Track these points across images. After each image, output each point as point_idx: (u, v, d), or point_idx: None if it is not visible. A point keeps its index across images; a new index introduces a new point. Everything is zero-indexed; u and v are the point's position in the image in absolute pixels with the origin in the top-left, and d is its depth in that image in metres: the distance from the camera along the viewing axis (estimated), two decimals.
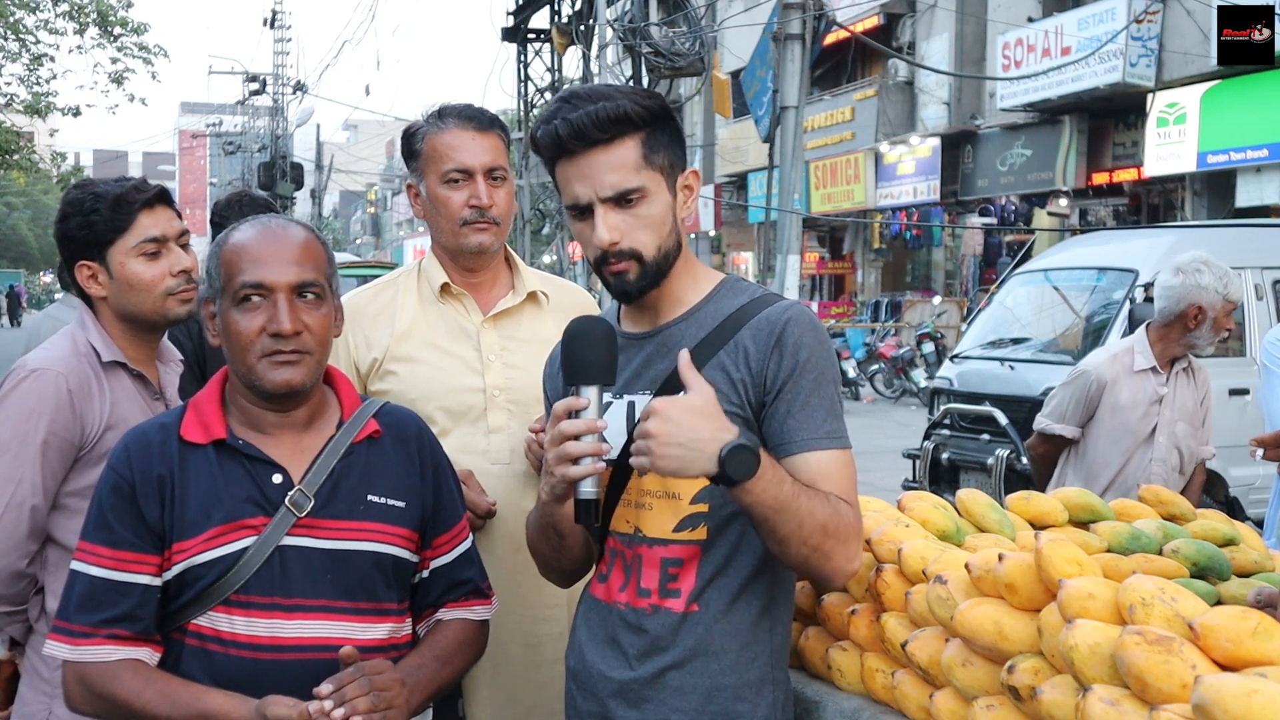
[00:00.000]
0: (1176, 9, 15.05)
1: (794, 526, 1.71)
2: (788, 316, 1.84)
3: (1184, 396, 4.42)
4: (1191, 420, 4.40)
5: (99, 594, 1.85)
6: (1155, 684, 1.44)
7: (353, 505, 1.92)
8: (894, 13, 21.79)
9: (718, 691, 1.85)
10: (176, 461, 1.89)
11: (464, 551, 2.09)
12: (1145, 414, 4.38)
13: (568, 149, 1.80)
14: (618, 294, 1.89)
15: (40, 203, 58.14)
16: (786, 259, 12.20)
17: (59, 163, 25.77)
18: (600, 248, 1.82)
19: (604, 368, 1.74)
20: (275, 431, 1.94)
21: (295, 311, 1.88)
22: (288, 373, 1.88)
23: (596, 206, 1.81)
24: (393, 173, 66.04)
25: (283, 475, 1.90)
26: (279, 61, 45.62)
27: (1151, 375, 4.41)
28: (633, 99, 1.80)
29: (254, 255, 1.89)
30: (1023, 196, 19.41)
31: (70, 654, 1.84)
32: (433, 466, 2.04)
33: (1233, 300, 4.32)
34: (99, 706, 1.86)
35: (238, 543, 1.86)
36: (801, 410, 1.81)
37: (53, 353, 2.36)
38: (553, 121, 1.80)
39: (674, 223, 1.87)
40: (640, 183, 1.81)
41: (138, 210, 2.40)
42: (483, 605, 2.10)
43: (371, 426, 1.99)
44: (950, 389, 7.96)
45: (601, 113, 1.77)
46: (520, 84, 21.92)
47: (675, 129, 1.88)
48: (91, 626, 1.84)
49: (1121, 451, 4.40)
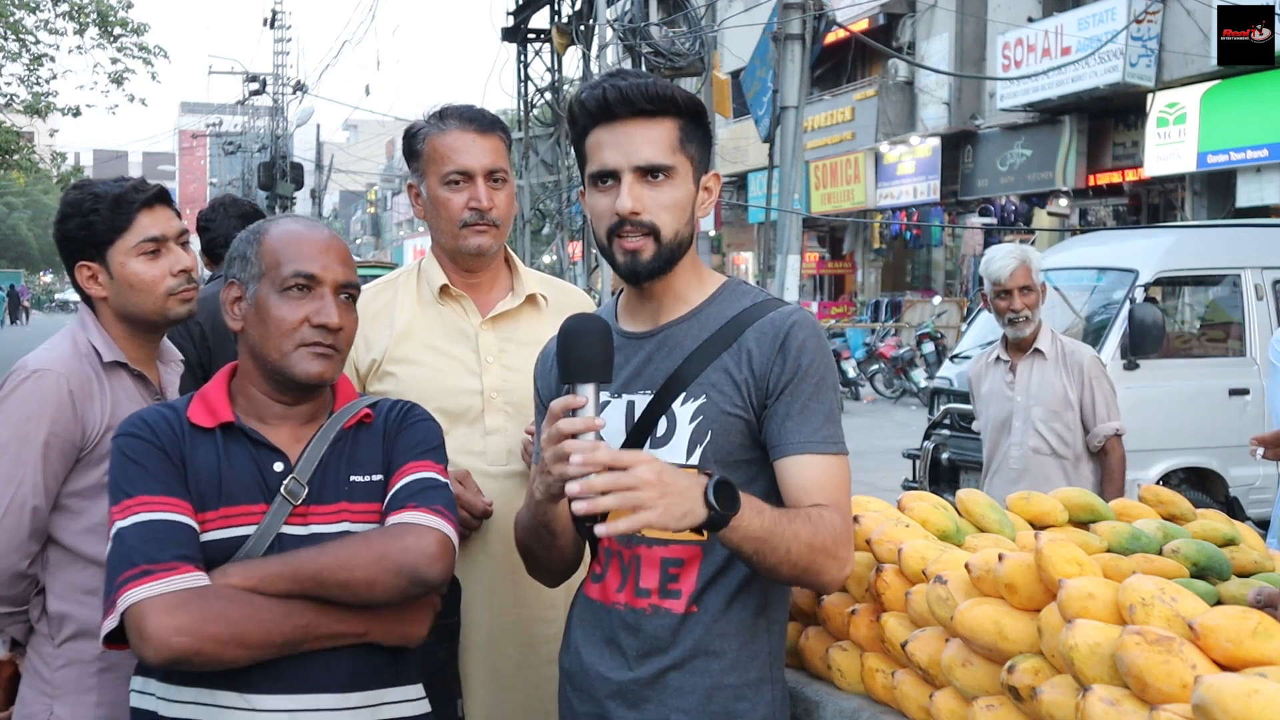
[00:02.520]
0: (1176, 9, 15.05)
1: (782, 553, 1.72)
2: (792, 321, 1.85)
3: (1041, 381, 4.55)
4: (1053, 403, 4.51)
5: (164, 534, 1.79)
6: (1155, 684, 1.44)
7: (338, 489, 1.93)
8: (894, 13, 21.79)
9: (717, 691, 1.85)
10: (186, 439, 1.90)
11: (426, 477, 1.96)
12: (1000, 401, 4.66)
13: (612, 112, 1.83)
14: (627, 273, 1.88)
15: (40, 203, 58.16)
16: (786, 259, 12.20)
17: (59, 163, 25.78)
18: (621, 214, 1.83)
19: (600, 365, 1.73)
20: (277, 422, 1.96)
21: (340, 308, 1.92)
22: (321, 365, 1.91)
23: (625, 174, 1.83)
24: (393, 173, 66.06)
25: (284, 463, 1.92)
26: (279, 61, 45.63)
27: (1001, 365, 4.69)
28: (678, 88, 1.87)
29: (305, 248, 1.93)
30: (1023, 196, 19.40)
31: (162, 587, 1.74)
32: (398, 428, 2.00)
33: (992, 281, 4.54)
34: (206, 629, 1.75)
35: (239, 528, 1.87)
36: (800, 414, 1.82)
37: (54, 353, 2.36)
38: (601, 86, 1.84)
39: (691, 214, 1.90)
40: (672, 162, 1.85)
41: (137, 210, 2.40)
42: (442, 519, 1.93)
43: (363, 413, 2.01)
44: (950, 389, 7.95)
45: (652, 87, 1.83)
46: (520, 84, 21.92)
47: (707, 131, 1.93)
48: (171, 561, 1.77)
49: (990, 438, 4.73)
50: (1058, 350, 4.56)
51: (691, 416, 1.85)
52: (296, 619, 1.80)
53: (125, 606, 1.76)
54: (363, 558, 1.83)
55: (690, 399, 1.86)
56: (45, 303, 68.49)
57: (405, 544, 1.85)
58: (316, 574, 1.81)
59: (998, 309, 4.56)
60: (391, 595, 1.85)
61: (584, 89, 1.88)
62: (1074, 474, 4.47)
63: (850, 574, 1.85)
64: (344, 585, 1.82)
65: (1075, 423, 4.50)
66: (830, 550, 1.77)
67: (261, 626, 1.78)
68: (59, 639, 2.30)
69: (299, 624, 1.80)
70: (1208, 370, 7.55)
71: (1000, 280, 4.50)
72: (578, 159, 1.94)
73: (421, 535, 1.86)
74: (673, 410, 1.87)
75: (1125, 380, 6.74)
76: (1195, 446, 7.16)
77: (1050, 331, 4.63)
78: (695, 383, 1.86)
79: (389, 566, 1.83)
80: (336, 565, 1.82)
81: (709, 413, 1.85)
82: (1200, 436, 7.16)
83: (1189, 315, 9.12)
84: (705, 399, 1.85)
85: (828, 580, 1.81)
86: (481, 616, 2.49)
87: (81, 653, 2.28)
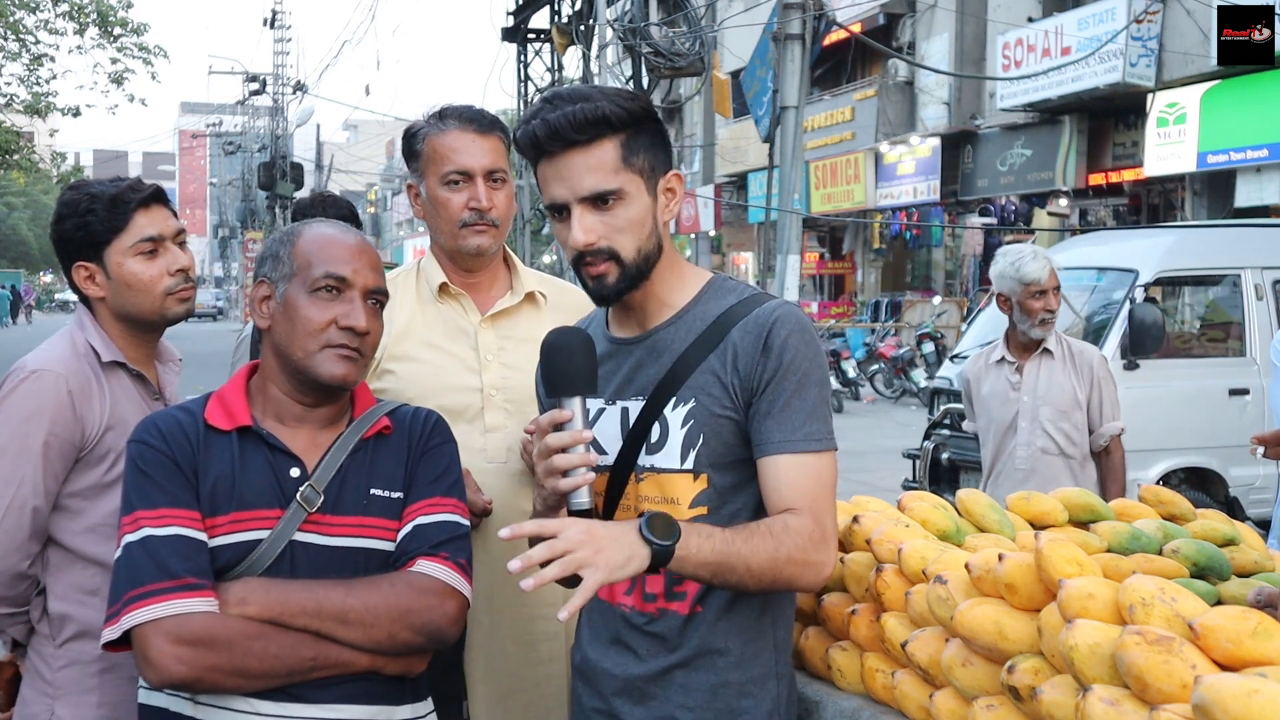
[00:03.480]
0: (1176, 9, 15.04)
1: (741, 572, 1.72)
2: (775, 316, 1.83)
3: (1048, 381, 4.53)
4: (1062, 403, 4.49)
5: (171, 551, 1.80)
6: (1155, 684, 1.44)
7: (357, 501, 1.93)
8: (894, 13, 21.79)
9: (723, 688, 1.86)
10: (201, 443, 1.90)
11: (453, 522, 1.97)
12: (1004, 402, 4.61)
13: (546, 149, 1.80)
14: (596, 297, 1.89)
15: (40, 203, 58.19)
16: (786, 259, 12.20)
17: (59, 163, 25.79)
18: (576, 248, 1.82)
19: (584, 378, 1.74)
20: (296, 425, 1.96)
21: (368, 312, 1.93)
22: (346, 367, 1.92)
23: (573, 207, 1.81)
24: (393, 173, 66.05)
25: (300, 469, 1.92)
26: (279, 61, 45.65)
27: (1006, 365, 4.64)
28: (614, 100, 1.80)
29: (338, 251, 1.95)
30: (1023, 196, 19.40)
31: (167, 609, 1.75)
32: (422, 449, 2.01)
33: (1027, 282, 4.47)
34: (207, 660, 1.76)
35: (252, 533, 1.87)
36: (781, 412, 1.80)
37: (53, 353, 2.36)
38: (531, 122, 1.80)
39: (654, 225, 1.86)
40: (618, 184, 1.80)
41: (134, 210, 2.39)
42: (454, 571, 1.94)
43: (382, 423, 2.00)
44: (950, 389, 7.94)
45: (579, 114, 1.77)
46: (520, 84, 21.94)
47: (658, 131, 1.87)
48: (178, 580, 1.77)
49: (994, 439, 4.67)
50: (1064, 350, 4.54)
51: (683, 421, 1.85)
52: (304, 652, 1.81)
53: (129, 626, 1.77)
54: (388, 609, 1.84)
55: (681, 403, 1.85)
56: (45, 303, 68.51)
57: (430, 603, 1.87)
58: (340, 614, 1.82)
59: (1029, 310, 4.46)
60: (407, 649, 1.88)
61: (519, 124, 1.85)
62: (1080, 474, 4.46)
63: (832, 573, 1.84)
64: (364, 629, 1.83)
65: (1083, 423, 4.48)
66: (799, 559, 1.75)
67: (266, 661, 1.79)
68: (60, 639, 2.30)
69: (306, 657, 1.81)
70: (1208, 370, 7.55)
71: (1040, 280, 4.42)
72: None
73: (447, 598, 1.89)
74: (665, 416, 1.86)
75: (1125, 380, 6.73)
76: (1195, 446, 7.16)
77: (1056, 332, 4.62)
78: (685, 387, 1.85)
79: (412, 623, 1.86)
80: (363, 609, 1.83)
81: (700, 416, 1.84)
82: (1200, 436, 7.16)
83: (1189, 315, 9.12)
84: (695, 403, 1.84)
85: (805, 585, 1.81)
86: (481, 615, 2.49)
87: (82, 653, 2.27)
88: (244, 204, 50.09)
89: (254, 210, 48.13)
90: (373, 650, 1.85)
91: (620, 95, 1.82)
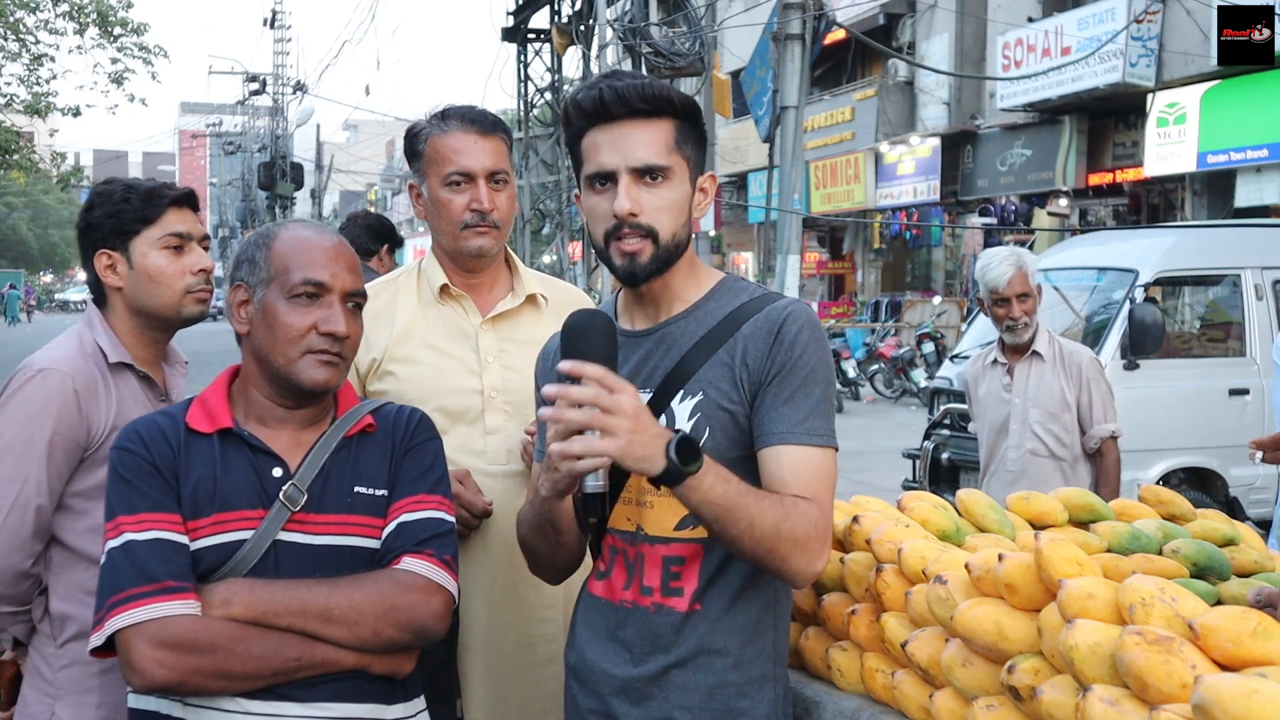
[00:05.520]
0: (1176, 9, 15.04)
1: (744, 526, 1.71)
2: (787, 313, 1.85)
3: (1039, 384, 4.54)
4: (1051, 405, 4.50)
5: (152, 554, 1.80)
6: (1155, 684, 1.45)
7: (341, 499, 1.93)
8: (894, 13, 21.79)
9: (720, 689, 1.86)
10: (182, 447, 1.90)
11: (437, 519, 1.96)
12: (997, 404, 4.65)
13: (609, 113, 1.83)
14: (625, 275, 1.87)
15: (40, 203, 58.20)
16: (786, 259, 12.20)
17: (59, 163, 25.73)
18: (619, 216, 1.82)
19: (605, 360, 1.72)
20: (278, 426, 1.95)
21: (347, 316, 1.92)
22: (326, 372, 1.91)
23: (622, 175, 1.82)
24: (393, 173, 66.03)
25: (283, 469, 1.91)
26: (279, 61, 45.65)
27: (999, 367, 4.68)
28: (675, 89, 1.88)
29: (314, 255, 1.93)
30: (1023, 196, 19.40)
31: (148, 613, 1.75)
32: (406, 446, 2.00)
33: (990, 288, 4.51)
34: (189, 663, 1.76)
35: (235, 533, 1.86)
36: (786, 404, 1.81)
37: (59, 352, 2.36)
38: (598, 86, 1.84)
39: (688, 215, 1.89)
40: (669, 163, 1.84)
41: (167, 205, 2.44)
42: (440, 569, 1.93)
43: (366, 421, 2.00)
44: (950, 389, 7.95)
45: (648, 88, 1.83)
46: (520, 84, 21.91)
47: (703, 133, 1.93)
48: (159, 584, 1.77)
49: (988, 440, 4.72)
50: (1055, 352, 4.55)
51: (690, 414, 1.86)
52: (289, 651, 1.80)
53: (113, 630, 1.78)
54: (373, 606, 1.83)
55: (688, 396, 1.86)
56: (45, 303, 68.50)
57: (415, 599, 1.86)
58: (324, 612, 1.81)
59: (995, 316, 4.54)
60: (393, 646, 1.87)
61: (579, 90, 1.88)
62: (1071, 475, 4.46)
63: (832, 573, 1.84)
64: (349, 627, 1.82)
65: (1073, 424, 4.49)
66: (799, 540, 1.74)
67: (250, 662, 1.78)
68: (61, 639, 2.30)
69: (291, 657, 1.80)
70: (1208, 370, 7.55)
71: (998, 288, 4.47)
72: (573, 161, 1.93)
73: (432, 595, 1.88)
74: (671, 408, 1.87)
75: (1125, 380, 6.75)
76: (1195, 446, 7.16)
77: (1048, 333, 4.62)
78: (693, 380, 1.86)
79: (398, 620, 1.85)
80: (348, 607, 1.82)
81: (707, 409, 1.85)
82: (1200, 436, 7.16)
83: (1189, 315, 9.11)
84: (703, 395, 1.85)
85: (793, 570, 1.77)
86: (480, 616, 2.50)
87: (83, 654, 2.26)
88: (244, 204, 50.06)
89: (254, 210, 48.10)
90: (359, 648, 1.84)
91: (677, 89, 1.90)
